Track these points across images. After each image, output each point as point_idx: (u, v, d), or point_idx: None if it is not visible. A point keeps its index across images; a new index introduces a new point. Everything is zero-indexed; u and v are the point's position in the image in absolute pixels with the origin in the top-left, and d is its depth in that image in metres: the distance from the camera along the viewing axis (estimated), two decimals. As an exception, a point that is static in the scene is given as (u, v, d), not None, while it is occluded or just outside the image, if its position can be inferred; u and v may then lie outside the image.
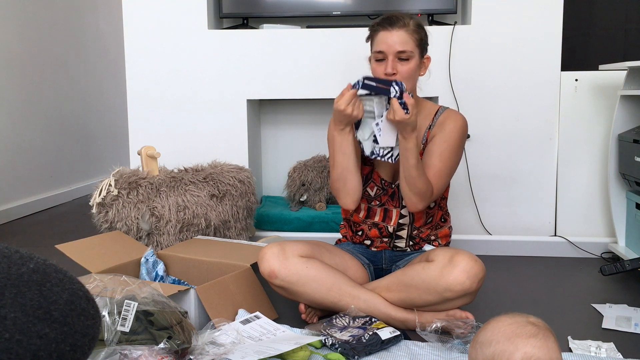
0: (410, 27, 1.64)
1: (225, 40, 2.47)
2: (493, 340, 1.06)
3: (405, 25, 1.64)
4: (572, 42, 2.71)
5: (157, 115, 2.52)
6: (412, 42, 1.64)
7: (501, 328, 1.07)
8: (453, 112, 1.74)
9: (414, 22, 1.66)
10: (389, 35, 1.63)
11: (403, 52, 1.62)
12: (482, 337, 1.10)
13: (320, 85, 2.45)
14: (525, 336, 1.03)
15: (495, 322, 1.10)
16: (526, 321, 1.07)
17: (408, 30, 1.64)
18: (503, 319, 1.09)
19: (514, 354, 1.02)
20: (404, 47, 1.62)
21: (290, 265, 1.60)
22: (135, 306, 1.27)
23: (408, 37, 1.63)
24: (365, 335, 1.46)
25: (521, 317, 1.08)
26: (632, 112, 2.19)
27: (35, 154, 3.59)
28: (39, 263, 0.66)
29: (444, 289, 1.52)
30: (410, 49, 1.63)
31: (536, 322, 1.08)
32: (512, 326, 1.06)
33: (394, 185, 1.72)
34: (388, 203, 1.74)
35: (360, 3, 2.50)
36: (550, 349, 1.02)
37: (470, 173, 2.45)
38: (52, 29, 3.78)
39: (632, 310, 1.77)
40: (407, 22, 1.65)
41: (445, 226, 1.82)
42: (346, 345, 1.43)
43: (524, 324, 1.06)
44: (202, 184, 2.10)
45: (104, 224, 2.03)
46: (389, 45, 1.63)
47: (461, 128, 1.70)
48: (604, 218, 2.44)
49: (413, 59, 1.64)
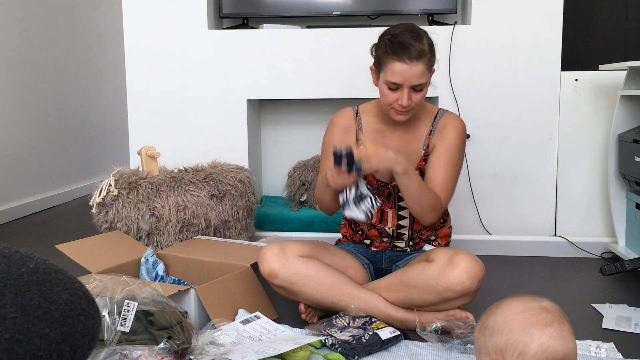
0: (427, 55, 1.54)
1: (225, 40, 2.47)
2: (505, 329, 0.99)
3: (424, 56, 1.53)
4: (572, 42, 2.71)
5: (157, 115, 2.52)
6: (427, 72, 1.56)
7: (514, 315, 1.00)
8: (452, 116, 1.72)
9: (428, 46, 1.55)
10: (407, 69, 1.53)
11: (418, 85, 1.56)
12: (492, 324, 1.02)
13: (321, 85, 2.45)
14: (540, 325, 0.97)
15: (507, 308, 1.02)
16: (540, 307, 1.00)
17: (425, 60, 1.54)
18: (515, 305, 1.02)
19: (530, 346, 0.96)
20: (421, 79, 1.55)
21: (290, 265, 1.60)
22: (135, 306, 1.27)
23: (425, 68, 1.55)
24: (365, 335, 1.46)
25: (534, 302, 1.01)
26: (632, 112, 2.19)
27: (35, 154, 3.59)
28: (39, 263, 0.66)
29: (444, 288, 1.52)
30: (425, 80, 1.57)
31: (550, 307, 1.01)
32: (526, 314, 0.99)
33: (390, 185, 1.72)
34: (384, 204, 1.73)
35: (360, 3, 2.50)
36: (566, 338, 0.97)
37: (470, 173, 2.45)
38: (52, 29, 3.78)
39: (632, 310, 1.77)
40: (424, 49, 1.53)
41: (445, 226, 1.82)
42: (346, 345, 1.43)
43: (538, 310, 0.99)
44: (202, 184, 2.10)
45: (104, 224, 2.02)
46: (406, 79, 1.54)
47: (461, 134, 1.69)
48: (604, 218, 2.44)
49: (426, 85, 1.59)
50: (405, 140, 1.72)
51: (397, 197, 1.71)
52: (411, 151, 1.71)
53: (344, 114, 1.79)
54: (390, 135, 1.73)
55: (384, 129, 1.73)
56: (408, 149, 1.70)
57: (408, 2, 2.47)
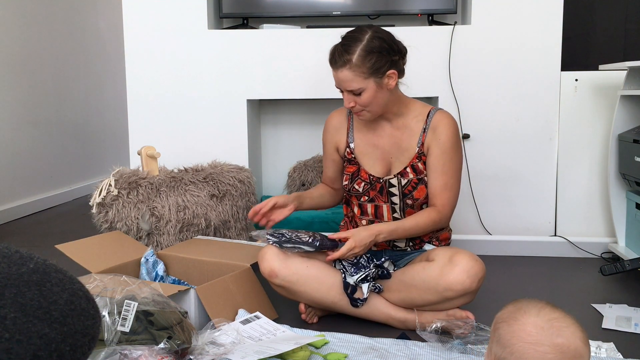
0: (354, 62, 1.56)
1: (225, 40, 2.47)
2: (508, 347, 0.94)
3: (348, 63, 1.56)
4: (572, 42, 2.71)
5: (157, 115, 2.52)
6: (359, 77, 1.57)
7: (522, 339, 0.93)
8: (443, 115, 1.71)
9: (360, 52, 1.56)
10: (335, 75, 1.61)
11: (352, 90, 1.60)
12: (503, 332, 0.96)
13: (320, 85, 2.44)
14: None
15: (521, 327, 0.94)
16: (552, 346, 0.91)
17: (351, 67, 1.56)
18: (528, 330, 0.93)
19: None
20: (351, 85, 1.59)
21: (290, 264, 1.61)
22: (135, 306, 1.27)
23: (352, 74, 1.57)
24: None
25: (550, 336, 0.91)
26: (632, 112, 2.19)
27: (35, 154, 3.59)
28: (39, 263, 0.66)
29: (444, 288, 1.52)
30: (358, 85, 1.58)
31: (566, 344, 0.91)
32: (534, 348, 0.91)
33: (382, 180, 1.73)
34: (377, 199, 1.74)
35: (360, 3, 2.50)
36: None
37: (470, 173, 2.45)
38: (52, 29, 3.78)
39: (632, 310, 1.77)
40: (350, 57, 1.56)
41: (445, 229, 1.81)
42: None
43: (548, 349, 0.90)
44: (202, 184, 2.10)
45: (104, 224, 2.02)
46: (338, 83, 1.62)
47: (454, 132, 1.70)
48: (604, 218, 2.44)
49: (367, 89, 1.59)
50: (396, 136, 1.73)
51: (388, 192, 1.72)
52: (403, 147, 1.72)
53: (336, 114, 1.84)
54: (380, 131, 1.75)
55: (374, 125, 1.76)
56: (400, 145, 1.72)
57: (408, 2, 2.47)
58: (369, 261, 1.65)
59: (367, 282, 1.61)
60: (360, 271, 1.63)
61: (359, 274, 1.62)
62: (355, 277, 1.61)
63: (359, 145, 1.77)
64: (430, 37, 2.39)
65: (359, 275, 1.61)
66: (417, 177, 1.69)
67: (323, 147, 1.88)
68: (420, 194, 1.69)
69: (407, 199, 1.69)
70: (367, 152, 1.76)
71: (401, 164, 1.71)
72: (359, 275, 1.61)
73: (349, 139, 1.79)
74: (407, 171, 1.69)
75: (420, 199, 1.69)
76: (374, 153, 1.75)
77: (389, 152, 1.73)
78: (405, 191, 1.69)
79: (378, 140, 1.74)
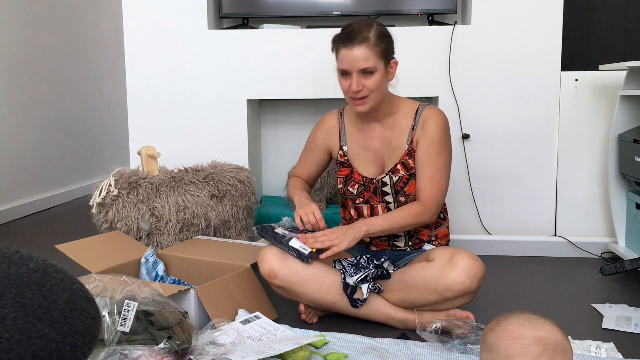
0: (372, 40, 1.59)
1: (225, 40, 2.47)
2: (494, 349, 1.00)
3: (366, 40, 1.58)
4: (572, 42, 2.71)
5: (157, 115, 2.52)
6: (374, 57, 1.59)
7: (505, 339, 0.99)
8: (432, 110, 1.73)
9: (375, 33, 1.60)
10: (349, 53, 1.59)
11: (366, 68, 1.60)
12: (489, 337, 1.03)
13: (321, 85, 2.44)
14: (525, 358, 0.96)
15: (504, 328, 1.02)
16: (534, 338, 0.97)
17: (369, 45, 1.58)
18: (511, 329, 1.00)
19: None
20: (367, 63, 1.59)
21: (290, 265, 1.61)
22: (135, 306, 1.27)
23: (369, 52, 1.58)
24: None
25: (531, 330, 0.99)
26: (632, 112, 2.19)
27: (35, 154, 3.59)
28: (39, 263, 0.66)
29: (444, 288, 1.52)
30: (373, 64, 1.59)
31: (547, 338, 0.97)
32: (516, 343, 0.98)
33: (375, 180, 1.73)
34: (372, 199, 1.74)
35: (360, 3, 2.50)
36: None
37: (470, 173, 2.45)
38: (52, 29, 3.78)
39: (632, 310, 1.77)
40: (367, 35, 1.59)
41: (443, 226, 1.82)
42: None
43: (530, 342, 0.97)
44: (202, 184, 2.10)
45: (104, 224, 2.02)
46: (351, 62, 1.60)
47: (442, 126, 1.70)
48: (604, 218, 2.44)
49: (378, 71, 1.61)
50: (386, 135, 1.74)
51: (382, 192, 1.72)
52: (394, 146, 1.73)
53: (329, 117, 1.87)
54: (371, 132, 1.76)
55: (364, 127, 1.77)
56: (390, 144, 1.73)
57: (408, 2, 2.47)
58: (369, 261, 1.65)
59: (366, 282, 1.61)
60: (360, 271, 1.62)
61: (359, 274, 1.61)
62: (354, 278, 1.61)
63: (352, 147, 1.78)
64: (430, 37, 2.39)
65: (359, 276, 1.61)
66: (408, 173, 1.70)
67: (309, 144, 1.89)
68: (412, 189, 1.70)
69: (400, 195, 1.70)
70: (359, 154, 1.77)
71: (392, 162, 1.73)
72: (358, 276, 1.61)
73: (341, 142, 1.80)
74: (398, 168, 1.71)
75: (412, 194, 1.70)
76: (366, 155, 1.76)
77: (380, 152, 1.74)
78: (397, 188, 1.70)
79: (369, 141, 1.76)
